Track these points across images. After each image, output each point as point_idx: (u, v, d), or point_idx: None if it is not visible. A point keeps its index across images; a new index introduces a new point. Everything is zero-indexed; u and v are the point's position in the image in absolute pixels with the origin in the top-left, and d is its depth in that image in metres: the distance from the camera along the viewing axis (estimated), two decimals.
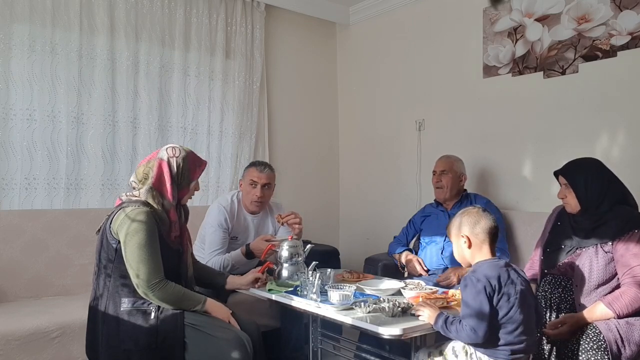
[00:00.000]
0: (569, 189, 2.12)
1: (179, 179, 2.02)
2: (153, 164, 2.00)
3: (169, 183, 1.98)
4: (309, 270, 2.11)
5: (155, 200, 1.96)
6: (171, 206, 2.00)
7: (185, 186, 2.05)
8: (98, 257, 1.97)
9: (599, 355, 1.78)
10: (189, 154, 2.07)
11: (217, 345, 1.88)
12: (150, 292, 1.87)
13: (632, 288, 1.89)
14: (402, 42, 3.89)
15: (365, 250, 3.67)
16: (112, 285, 1.92)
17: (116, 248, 1.91)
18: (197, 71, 3.53)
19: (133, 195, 1.98)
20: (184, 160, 2.03)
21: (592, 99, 2.84)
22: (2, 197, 2.86)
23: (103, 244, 1.95)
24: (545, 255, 2.20)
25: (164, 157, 2.01)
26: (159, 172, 1.98)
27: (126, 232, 1.87)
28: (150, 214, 1.91)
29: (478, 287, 1.63)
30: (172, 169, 2.00)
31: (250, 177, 2.71)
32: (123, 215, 1.90)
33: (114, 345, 1.88)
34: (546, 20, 3.02)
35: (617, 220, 2.00)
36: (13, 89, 2.87)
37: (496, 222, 1.78)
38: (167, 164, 2.00)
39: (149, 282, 1.87)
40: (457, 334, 1.67)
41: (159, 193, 1.98)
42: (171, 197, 1.99)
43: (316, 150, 4.30)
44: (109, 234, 1.93)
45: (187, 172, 2.04)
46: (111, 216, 1.96)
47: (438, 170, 2.97)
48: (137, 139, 3.30)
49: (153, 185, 1.97)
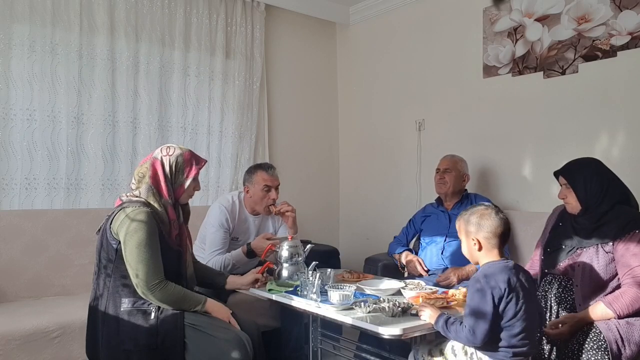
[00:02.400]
0: (569, 189, 2.12)
1: (173, 178, 2.03)
2: (148, 164, 2.02)
3: (164, 182, 2.00)
4: (309, 270, 2.11)
5: (155, 199, 1.97)
6: (169, 204, 2.01)
7: (180, 184, 2.05)
8: (98, 257, 1.97)
9: (599, 355, 1.78)
10: (185, 152, 2.08)
11: (217, 345, 1.88)
12: (150, 293, 1.87)
13: (633, 288, 1.89)
14: (402, 42, 3.89)
15: (365, 250, 3.67)
16: (112, 286, 1.92)
17: (116, 248, 1.91)
18: (197, 71, 3.53)
19: (133, 196, 1.99)
20: (177, 158, 2.04)
21: (592, 99, 2.84)
22: (2, 197, 2.86)
23: (103, 244, 1.96)
24: (546, 255, 2.20)
25: (158, 156, 2.04)
26: (153, 171, 2.01)
27: (126, 232, 1.88)
28: (150, 214, 1.92)
29: (486, 290, 1.62)
30: (165, 167, 2.02)
31: (264, 182, 2.70)
32: (123, 216, 1.91)
33: (114, 345, 1.88)
34: (546, 20, 3.02)
35: (617, 221, 1.99)
36: (13, 89, 2.87)
37: (509, 224, 1.76)
38: (160, 163, 2.02)
39: (149, 283, 1.87)
40: (455, 335, 1.67)
41: (157, 191, 1.99)
42: (167, 195, 2.00)
43: (316, 150, 4.30)
44: (109, 234, 1.93)
45: (182, 170, 2.05)
46: (111, 216, 1.97)
47: (442, 168, 2.98)
48: (137, 139, 3.30)
49: (151, 184, 1.99)
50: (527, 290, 1.65)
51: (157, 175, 2.00)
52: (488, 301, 1.61)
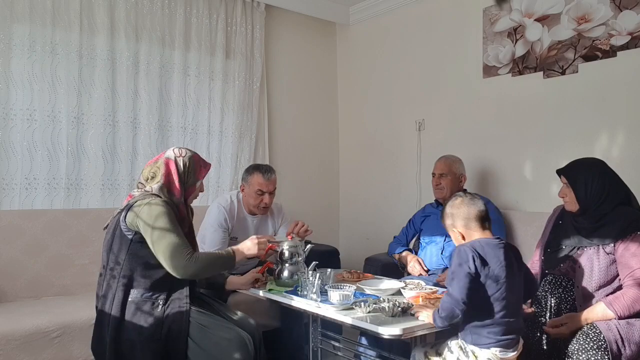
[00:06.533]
0: (569, 188, 2.11)
1: (186, 178, 2.06)
2: (161, 164, 2.04)
3: (177, 181, 2.03)
4: (309, 270, 2.11)
5: (166, 197, 1.99)
6: (180, 203, 2.03)
7: (191, 185, 2.09)
8: (107, 252, 1.97)
9: (599, 355, 1.78)
10: (194, 154, 2.13)
11: (219, 344, 1.89)
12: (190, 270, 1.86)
13: (633, 289, 1.88)
14: (402, 42, 3.89)
15: (365, 250, 3.67)
16: (121, 279, 1.92)
17: (131, 239, 1.91)
18: (197, 71, 3.53)
19: (146, 192, 2.00)
20: (190, 159, 2.08)
21: (592, 99, 2.84)
22: (2, 197, 2.86)
23: (114, 238, 1.95)
24: (546, 255, 2.20)
25: (171, 157, 2.06)
26: (167, 171, 2.02)
27: (148, 219, 1.87)
28: (167, 202, 1.95)
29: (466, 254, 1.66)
30: (179, 167, 2.05)
31: (258, 186, 2.68)
32: (141, 206, 1.90)
33: (118, 335, 1.89)
34: (546, 20, 3.02)
35: (619, 222, 1.99)
36: (13, 89, 2.87)
37: (481, 203, 1.80)
38: (174, 163, 2.04)
39: (183, 261, 1.85)
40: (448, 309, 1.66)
41: (169, 190, 2.01)
42: (179, 195, 2.03)
43: (316, 150, 4.30)
44: (123, 226, 1.93)
45: (193, 171, 2.08)
46: (124, 209, 1.96)
47: (437, 172, 2.97)
48: (137, 139, 3.30)
49: (164, 183, 2.00)
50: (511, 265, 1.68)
51: (171, 175, 2.03)
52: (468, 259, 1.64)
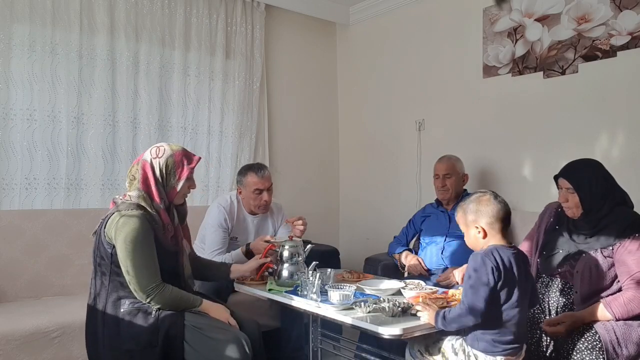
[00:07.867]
0: (572, 193, 2.04)
1: (165, 181, 1.98)
2: (139, 167, 1.98)
3: (154, 186, 1.95)
4: (309, 270, 2.11)
5: (146, 203, 1.94)
6: (160, 208, 1.97)
7: (172, 187, 2.00)
8: (94, 258, 1.96)
9: (593, 355, 1.77)
10: (176, 152, 2.01)
11: (215, 346, 1.88)
12: (147, 298, 1.87)
13: (631, 291, 1.87)
14: (402, 42, 3.89)
15: (365, 250, 3.67)
16: (110, 286, 1.92)
17: (111, 253, 1.90)
18: (197, 71, 3.53)
19: (126, 198, 1.96)
20: (167, 160, 1.98)
21: (592, 99, 2.84)
22: (2, 197, 2.86)
23: (99, 247, 1.94)
24: (542, 259, 2.16)
25: (147, 159, 1.98)
26: (143, 175, 1.96)
27: (119, 237, 1.85)
28: (143, 217, 1.89)
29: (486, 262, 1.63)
30: (155, 170, 1.96)
31: (254, 185, 2.68)
32: (116, 220, 1.88)
33: (116, 346, 1.88)
34: (546, 20, 3.02)
35: (617, 224, 1.96)
36: (13, 89, 2.87)
37: (508, 207, 1.76)
38: (150, 166, 1.96)
39: (145, 288, 1.86)
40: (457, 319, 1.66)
41: (148, 195, 1.95)
42: (158, 199, 1.95)
43: (316, 150, 4.30)
44: (103, 238, 1.92)
45: (172, 172, 1.99)
46: (105, 220, 1.94)
47: (441, 173, 2.96)
48: (137, 139, 3.30)
49: (141, 188, 1.95)
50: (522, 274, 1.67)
51: (148, 180, 1.95)
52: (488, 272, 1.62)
